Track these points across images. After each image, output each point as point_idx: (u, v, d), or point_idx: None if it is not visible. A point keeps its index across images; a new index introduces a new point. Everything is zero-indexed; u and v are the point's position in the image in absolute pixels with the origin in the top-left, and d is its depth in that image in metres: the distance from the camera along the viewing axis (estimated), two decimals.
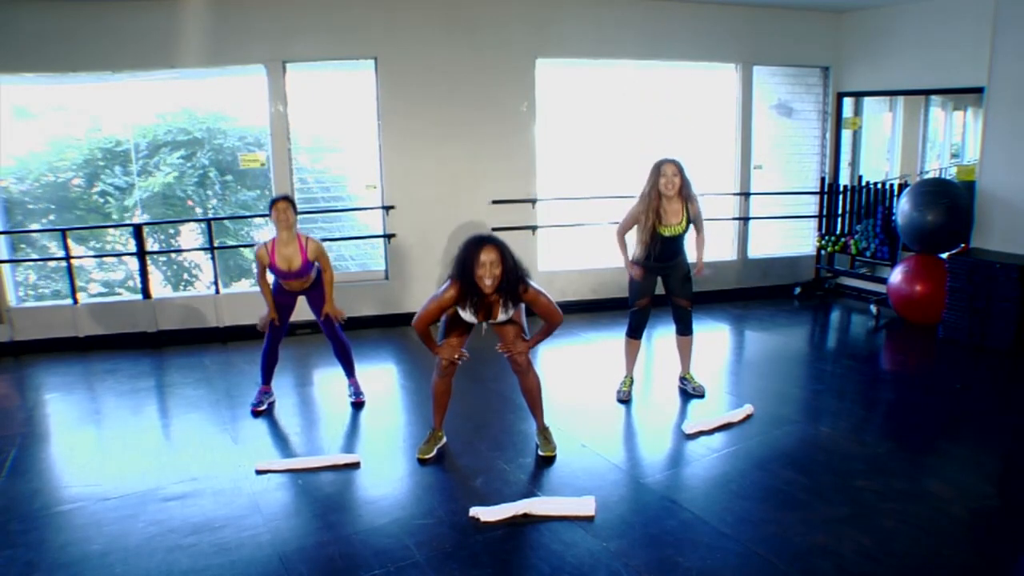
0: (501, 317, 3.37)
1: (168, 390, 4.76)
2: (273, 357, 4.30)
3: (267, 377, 4.33)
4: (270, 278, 4.18)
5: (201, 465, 3.56)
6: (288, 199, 4.09)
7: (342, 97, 6.01)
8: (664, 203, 4.07)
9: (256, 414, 4.20)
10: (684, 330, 4.40)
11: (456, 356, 3.46)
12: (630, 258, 4.27)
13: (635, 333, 4.36)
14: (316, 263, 4.14)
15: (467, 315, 3.33)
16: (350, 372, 4.41)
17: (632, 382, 4.42)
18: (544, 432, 3.65)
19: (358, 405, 4.33)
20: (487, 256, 3.14)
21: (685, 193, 4.09)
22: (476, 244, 3.17)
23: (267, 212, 4.19)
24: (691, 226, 4.17)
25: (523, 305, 3.48)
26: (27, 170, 6.00)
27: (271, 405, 4.33)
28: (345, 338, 4.34)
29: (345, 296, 5.42)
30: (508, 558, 2.77)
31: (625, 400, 4.34)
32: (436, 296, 3.30)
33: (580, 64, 6.41)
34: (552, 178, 6.44)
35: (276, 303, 4.19)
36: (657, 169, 4.07)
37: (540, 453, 3.58)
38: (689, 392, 4.42)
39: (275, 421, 4.15)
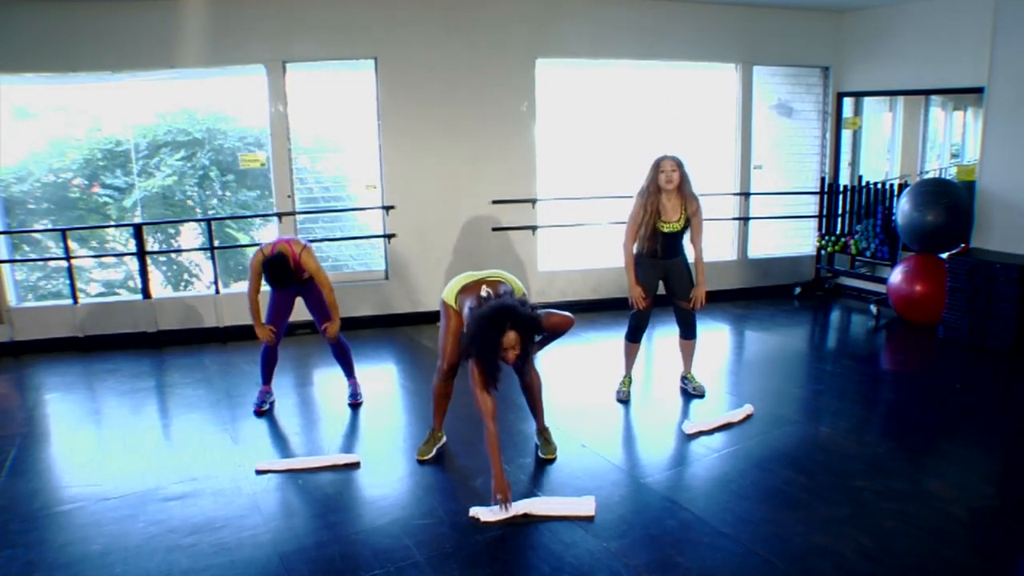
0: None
1: (168, 390, 4.76)
2: (272, 357, 4.30)
3: (267, 377, 4.33)
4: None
5: (201, 465, 3.56)
6: (287, 265, 3.95)
7: (342, 97, 6.01)
8: (663, 199, 4.07)
9: (259, 414, 4.20)
10: (687, 334, 4.37)
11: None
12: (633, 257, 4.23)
13: (634, 336, 4.32)
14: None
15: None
16: (349, 373, 4.41)
17: (631, 382, 4.41)
18: (544, 433, 3.65)
19: (355, 407, 4.33)
20: (509, 340, 2.96)
21: (684, 191, 4.08)
22: (496, 328, 2.94)
23: (267, 212, 4.17)
24: (689, 227, 4.15)
25: None
26: (27, 170, 6.00)
27: (271, 405, 4.33)
28: (345, 340, 4.33)
29: (345, 296, 5.42)
30: (508, 558, 2.77)
31: (624, 400, 4.34)
32: (474, 382, 3.08)
33: (580, 64, 6.41)
34: (552, 178, 6.43)
35: (274, 304, 4.17)
36: (656, 165, 4.07)
37: (541, 455, 3.58)
38: (690, 392, 4.42)
39: (275, 421, 4.15)
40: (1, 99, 5.52)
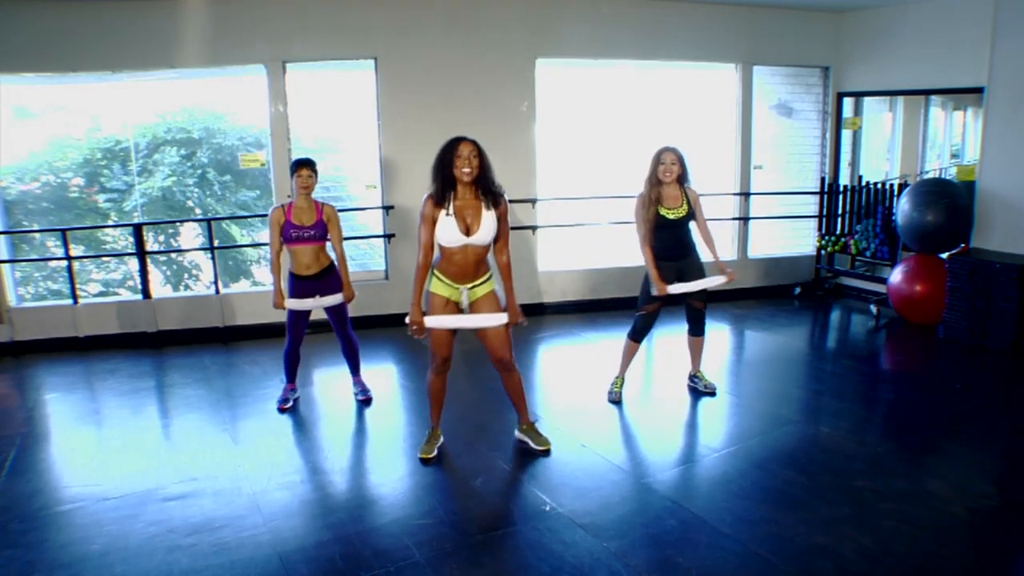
0: (485, 227, 3.32)
1: (168, 390, 4.76)
2: (296, 357, 4.29)
3: (291, 376, 4.33)
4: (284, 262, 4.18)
5: (201, 465, 3.56)
6: (313, 167, 4.15)
7: (342, 97, 6.01)
8: (663, 189, 4.08)
9: (283, 411, 4.23)
10: (697, 331, 4.37)
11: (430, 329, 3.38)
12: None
13: (638, 336, 4.31)
14: (327, 226, 4.15)
15: (449, 226, 3.27)
16: (355, 370, 4.44)
17: (623, 383, 4.40)
18: (532, 428, 3.67)
19: (366, 402, 4.35)
20: (465, 148, 3.28)
21: (683, 182, 4.11)
22: (454, 140, 3.33)
23: (267, 213, 4.17)
24: (693, 214, 4.13)
25: (502, 295, 3.49)
26: (27, 170, 6.00)
27: (296, 402, 4.35)
28: (355, 336, 4.36)
29: None
30: (508, 558, 2.77)
31: (616, 401, 4.32)
32: (421, 217, 3.32)
33: (580, 64, 6.41)
34: (552, 178, 6.44)
35: (293, 310, 4.15)
36: (657, 157, 4.08)
37: (534, 447, 3.59)
38: (700, 390, 4.42)
39: (276, 421, 4.15)
40: (1, 99, 5.53)
